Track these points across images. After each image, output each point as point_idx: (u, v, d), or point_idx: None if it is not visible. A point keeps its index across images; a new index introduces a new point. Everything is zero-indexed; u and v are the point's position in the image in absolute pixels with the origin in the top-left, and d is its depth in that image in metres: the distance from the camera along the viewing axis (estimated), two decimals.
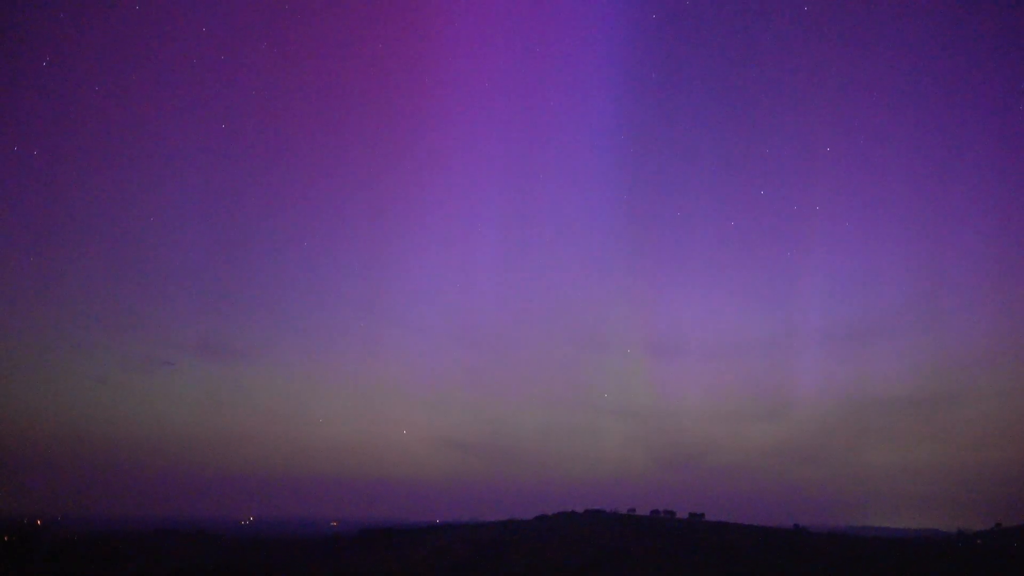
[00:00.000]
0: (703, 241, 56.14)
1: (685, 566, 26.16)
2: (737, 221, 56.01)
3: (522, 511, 38.13)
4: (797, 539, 29.99)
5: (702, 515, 33.53)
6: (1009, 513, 40.13)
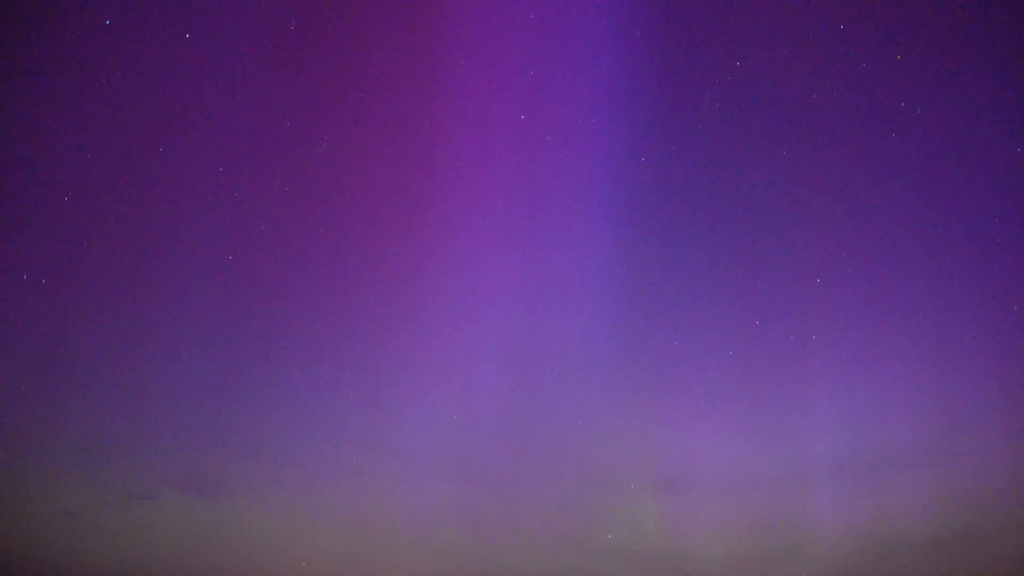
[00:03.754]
0: (703, 372, 55.19)
1: None
2: (735, 351, 55.40)
3: None
4: None
5: None
6: None
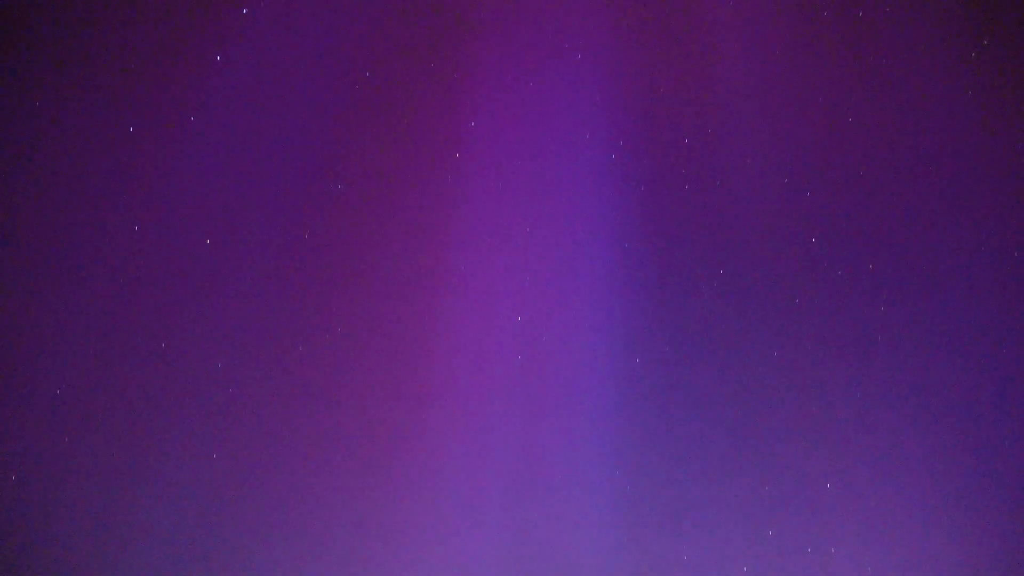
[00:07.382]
0: None
1: None
2: (749, 567, 53.27)
3: None
4: None
5: None
6: None
